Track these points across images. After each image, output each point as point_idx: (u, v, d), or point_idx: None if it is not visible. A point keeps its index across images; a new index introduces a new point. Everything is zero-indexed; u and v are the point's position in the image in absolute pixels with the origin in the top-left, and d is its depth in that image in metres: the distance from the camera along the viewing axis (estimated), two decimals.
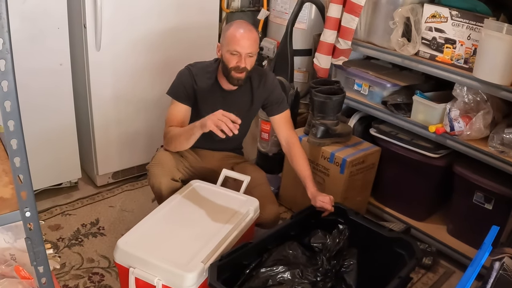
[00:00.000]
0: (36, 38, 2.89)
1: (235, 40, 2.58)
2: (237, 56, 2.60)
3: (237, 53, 2.59)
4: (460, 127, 2.80)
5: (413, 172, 3.16)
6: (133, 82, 3.38)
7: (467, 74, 2.73)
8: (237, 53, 2.59)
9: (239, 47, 2.58)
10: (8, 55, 1.12)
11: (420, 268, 2.97)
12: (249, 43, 2.59)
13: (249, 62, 2.64)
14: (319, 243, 2.48)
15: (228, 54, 2.61)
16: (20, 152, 1.23)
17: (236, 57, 2.60)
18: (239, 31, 2.59)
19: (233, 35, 2.59)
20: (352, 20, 3.13)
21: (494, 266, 2.02)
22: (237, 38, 2.58)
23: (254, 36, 2.63)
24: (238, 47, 2.58)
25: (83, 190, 3.53)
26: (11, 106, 1.17)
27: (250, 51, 2.61)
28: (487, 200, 2.86)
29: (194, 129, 2.54)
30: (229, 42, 2.60)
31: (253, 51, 2.63)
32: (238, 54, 2.59)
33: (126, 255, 2.16)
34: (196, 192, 2.66)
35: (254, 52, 2.64)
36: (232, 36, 2.59)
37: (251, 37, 2.61)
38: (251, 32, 2.62)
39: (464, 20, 2.73)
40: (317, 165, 3.21)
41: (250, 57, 2.64)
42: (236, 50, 2.58)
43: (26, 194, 1.28)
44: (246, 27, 2.63)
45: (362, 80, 3.35)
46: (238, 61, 2.60)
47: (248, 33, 2.60)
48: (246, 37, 2.59)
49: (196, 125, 2.53)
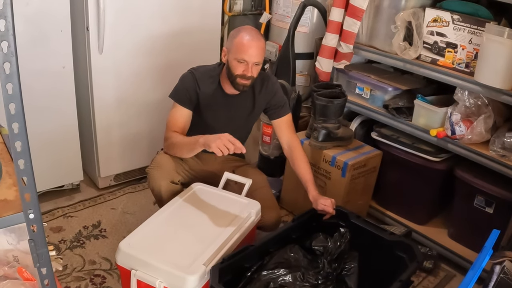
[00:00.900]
0: (39, 40, 2.90)
1: (243, 49, 2.57)
2: (244, 65, 2.59)
3: (244, 62, 2.59)
4: (461, 131, 2.80)
5: (414, 176, 3.17)
6: (135, 85, 3.39)
7: (469, 78, 2.74)
8: (244, 61, 2.59)
9: (247, 56, 2.57)
10: (13, 58, 1.13)
11: (421, 271, 2.97)
12: (257, 52, 2.59)
13: (255, 70, 2.63)
14: (320, 246, 2.48)
15: (235, 61, 2.60)
16: (24, 154, 1.24)
17: (243, 65, 2.60)
18: (247, 39, 2.58)
19: (241, 43, 2.58)
20: (354, 24, 3.13)
21: (494, 269, 2.02)
22: (246, 47, 2.57)
23: (262, 45, 2.63)
24: (246, 56, 2.57)
25: (85, 192, 3.54)
26: (15, 109, 1.18)
27: (257, 60, 2.61)
28: (488, 204, 2.87)
29: (196, 144, 2.51)
30: (237, 50, 2.59)
31: (260, 60, 2.63)
32: (245, 63, 2.59)
33: (128, 257, 2.17)
34: (198, 194, 2.66)
35: (261, 61, 2.64)
36: (240, 44, 2.58)
37: (259, 46, 2.60)
38: (259, 41, 2.62)
39: (465, 25, 2.74)
40: (318, 169, 3.22)
41: (257, 66, 2.64)
42: (243, 59, 2.58)
43: (29, 196, 1.29)
44: (254, 35, 2.61)
45: (364, 84, 3.35)
46: (245, 70, 2.60)
47: (256, 42, 2.59)
48: (255, 46, 2.58)
49: (199, 142, 2.49)
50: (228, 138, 2.38)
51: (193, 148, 2.57)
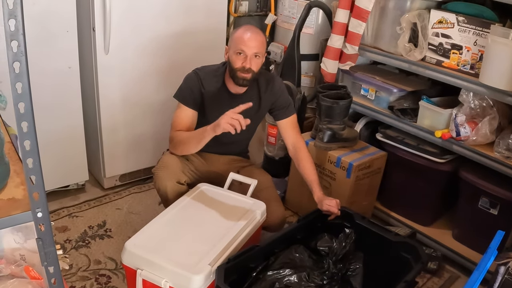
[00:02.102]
0: (45, 40, 2.91)
1: (241, 41, 2.61)
2: (243, 57, 2.62)
3: (242, 53, 2.61)
4: (466, 132, 2.80)
5: (419, 177, 3.17)
6: (141, 85, 3.40)
7: (473, 80, 2.74)
8: (243, 52, 2.61)
9: (245, 47, 2.60)
10: (22, 57, 1.14)
11: (425, 272, 2.97)
12: (255, 43, 2.61)
13: (254, 63, 2.64)
14: (325, 247, 2.49)
15: (234, 54, 2.63)
16: (33, 153, 1.25)
17: (241, 58, 2.62)
18: (246, 33, 2.62)
19: (240, 36, 2.62)
20: (359, 25, 3.14)
21: (499, 270, 2.02)
22: (244, 38, 2.61)
23: (260, 38, 2.66)
24: (244, 47, 2.60)
25: (90, 192, 3.55)
26: (25, 108, 1.19)
27: (256, 51, 2.62)
28: (493, 205, 2.87)
29: (205, 132, 2.56)
30: (236, 43, 2.63)
31: (259, 52, 2.64)
32: (244, 55, 2.61)
33: (134, 256, 2.18)
34: (204, 195, 2.67)
35: (260, 53, 2.65)
36: (239, 37, 2.62)
37: (257, 39, 2.63)
38: (257, 34, 2.65)
39: (470, 26, 2.74)
40: (323, 169, 3.22)
41: (256, 59, 2.65)
42: (241, 49, 2.60)
43: (38, 195, 1.30)
44: (253, 30, 2.66)
45: (369, 85, 3.36)
46: (244, 62, 2.62)
47: (254, 34, 2.63)
48: (253, 38, 2.61)
49: (207, 129, 2.54)
50: (232, 112, 2.46)
51: (203, 137, 2.59)
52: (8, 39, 1.11)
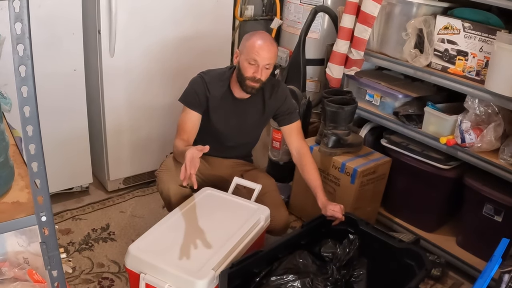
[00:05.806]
0: (50, 43, 2.92)
1: (254, 50, 2.59)
2: (255, 66, 2.61)
3: (255, 63, 2.60)
4: (471, 139, 2.80)
5: (424, 183, 3.16)
6: (146, 88, 3.40)
7: (479, 86, 2.73)
8: (255, 63, 2.60)
9: (258, 57, 2.59)
10: (28, 61, 1.14)
11: (429, 279, 2.96)
12: (268, 55, 2.61)
13: (265, 74, 2.64)
14: (329, 253, 2.49)
15: (246, 62, 2.62)
16: (38, 157, 1.25)
17: (253, 67, 2.61)
18: (260, 42, 2.61)
19: (254, 45, 2.60)
20: (365, 30, 3.14)
21: (503, 278, 2.01)
22: (257, 48, 2.59)
23: (274, 49, 2.65)
24: (257, 57, 2.59)
25: (94, 195, 3.55)
26: (30, 112, 1.19)
27: (268, 63, 2.62)
28: (497, 212, 2.86)
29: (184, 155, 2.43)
30: (249, 51, 2.61)
31: (270, 63, 2.64)
32: (256, 64, 2.61)
33: (137, 260, 2.17)
34: (208, 199, 2.67)
35: (271, 64, 2.65)
36: (253, 46, 2.60)
37: (271, 50, 2.62)
38: (272, 45, 2.64)
39: (476, 32, 2.74)
40: (328, 175, 3.21)
41: (267, 69, 2.65)
42: (254, 59, 2.59)
43: (42, 199, 1.30)
44: (267, 39, 2.65)
45: (374, 91, 3.35)
46: (255, 72, 2.61)
47: (269, 45, 2.62)
48: (266, 49, 2.60)
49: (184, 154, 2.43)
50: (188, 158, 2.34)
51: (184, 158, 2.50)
52: (14, 42, 1.11)
